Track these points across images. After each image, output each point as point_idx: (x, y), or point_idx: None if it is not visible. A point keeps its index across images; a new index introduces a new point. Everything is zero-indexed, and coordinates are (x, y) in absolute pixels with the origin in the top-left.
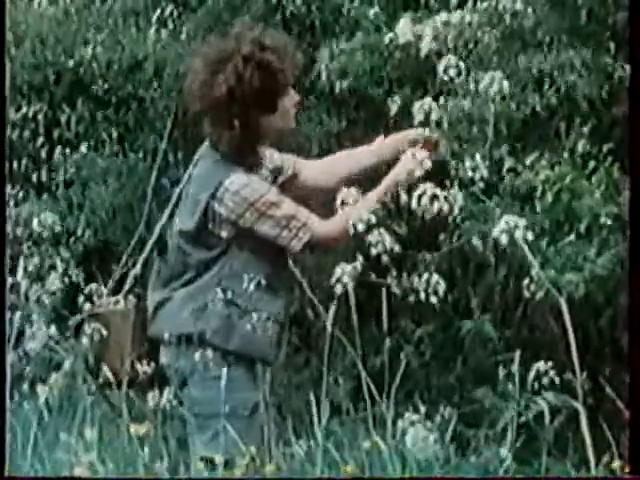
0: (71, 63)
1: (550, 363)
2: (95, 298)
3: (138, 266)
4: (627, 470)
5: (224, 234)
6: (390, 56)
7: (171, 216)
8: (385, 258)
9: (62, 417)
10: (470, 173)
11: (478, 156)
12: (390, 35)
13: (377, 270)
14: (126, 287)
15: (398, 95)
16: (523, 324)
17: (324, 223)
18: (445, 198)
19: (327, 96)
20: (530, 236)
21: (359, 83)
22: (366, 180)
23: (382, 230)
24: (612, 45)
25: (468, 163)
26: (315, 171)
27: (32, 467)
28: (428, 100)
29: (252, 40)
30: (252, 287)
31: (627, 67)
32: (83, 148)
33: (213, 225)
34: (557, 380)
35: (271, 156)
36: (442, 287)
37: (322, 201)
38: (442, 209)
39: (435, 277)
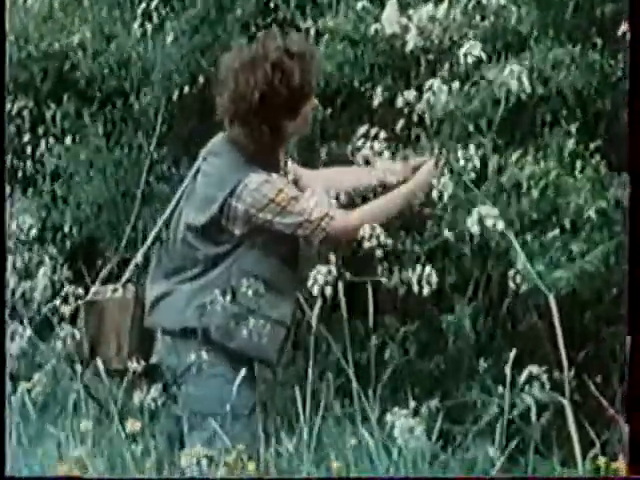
0: (56, 59)
1: (537, 360)
2: (71, 300)
3: (139, 256)
4: (615, 467)
5: (237, 231)
6: (375, 47)
7: (175, 209)
8: (379, 252)
9: (49, 412)
10: (462, 162)
11: (472, 147)
12: (376, 26)
13: (366, 264)
14: (125, 276)
15: (382, 85)
16: (508, 320)
17: (345, 215)
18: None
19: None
20: (501, 225)
21: (343, 73)
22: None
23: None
24: (599, 41)
25: (460, 153)
26: (313, 181)
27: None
28: (412, 93)
29: (278, 47)
30: (261, 287)
31: (613, 62)
32: (68, 143)
33: (227, 221)
34: (544, 377)
35: (286, 161)
36: (434, 279)
37: None
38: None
39: (427, 269)
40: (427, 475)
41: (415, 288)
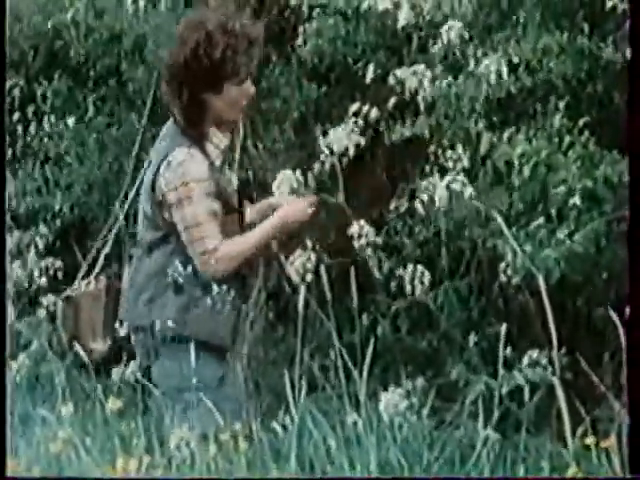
0: (48, 36)
1: (528, 339)
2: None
3: (107, 247)
4: (606, 445)
5: (166, 213)
6: (367, 23)
7: (135, 199)
8: (369, 250)
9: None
10: (451, 164)
11: (460, 147)
12: (369, 2)
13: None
14: (96, 269)
15: (374, 63)
16: (499, 300)
17: (225, 243)
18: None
19: (307, 63)
20: (469, 191)
21: (336, 49)
22: None
23: (363, 222)
24: (586, 25)
25: (449, 153)
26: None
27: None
28: (404, 70)
29: (218, 19)
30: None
31: (602, 45)
32: (60, 122)
33: (158, 204)
34: (536, 357)
35: (218, 136)
36: (427, 277)
37: None
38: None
39: (420, 268)
40: (420, 453)
41: (408, 288)
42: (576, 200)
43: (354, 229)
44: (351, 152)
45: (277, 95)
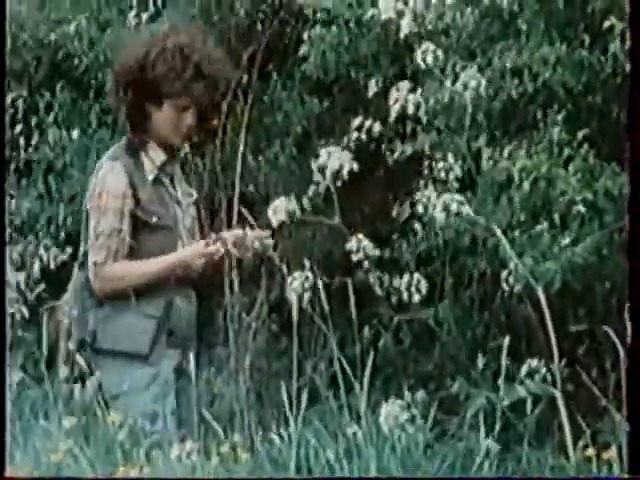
0: (51, 48)
1: (531, 352)
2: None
3: (80, 256)
4: (607, 457)
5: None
6: (369, 33)
7: None
8: (366, 264)
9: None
10: (443, 174)
11: (450, 156)
12: (372, 11)
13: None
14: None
15: (376, 77)
16: (501, 312)
17: (117, 264)
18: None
19: (309, 75)
20: (467, 210)
21: (338, 58)
22: None
23: (361, 236)
24: (587, 37)
25: (441, 164)
26: None
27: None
28: (405, 85)
29: (177, 41)
30: None
31: (602, 58)
32: (64, 134)
33: (86, 214)
34: (537, 368)
35: (156, 151)
36: (424, 286)
37: None
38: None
39: (416, 276)
40: (421, 465)
41: (405, 296)
42: (579, 209)
43: (352, 244)
44: (345, 174)
45: (279, 109)
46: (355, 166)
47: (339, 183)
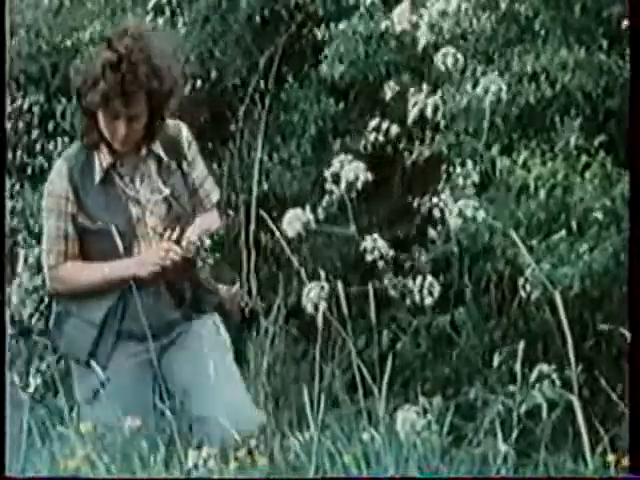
0: (67, 53)
1: (548, 357)
2: None
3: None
4: (624, 463)
5: None
6: (386, 43)
7: None
8: (381, 263)
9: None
10: (461, 179)
11: (468, 160)
12: (387, 23)
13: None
14: None
15: (393, 81)
16: (519, 317)
17: (69, 265)
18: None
19: (325, 79)
20: (482, 214)
21: (356, 69)
22: None
23: (376, 236)
24: (605, 42)
25: (458, 169)
26: None
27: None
28: (424, 88)
29: (132, 44)
30: None
31: (621, 63)
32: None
33: None
34: (554, 374)
35: (104, 152)
36: (437, 289)
37: None
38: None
39: (429, 278)
40: (437, 469)
41: (417, 298)
42: (596, 216)
43: (367, 243)
44: (359, 185)
45: (296, 112)
46: (369, 176)
47: (353, 194)
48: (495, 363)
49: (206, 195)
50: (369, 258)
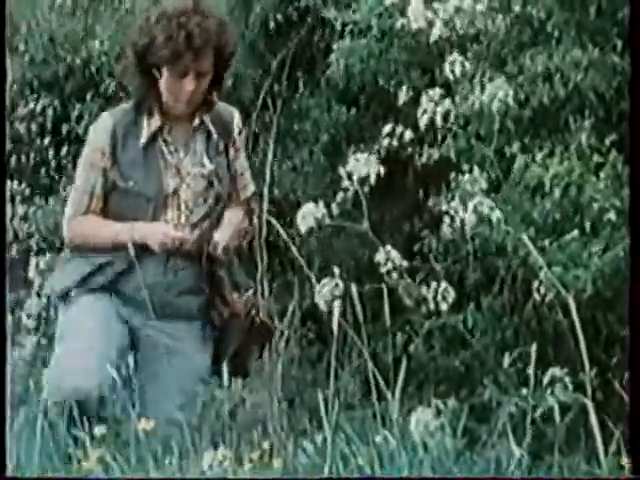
0: (80, 58)
1: (561, 360)
2: None
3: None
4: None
5: None
6: (400, 42)
7: None
8: (395, 275)
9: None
10: (473, 181)
11: (480, 163)
12: (402, 21)
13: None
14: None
15: (406, 85)
16: (532, 319)
17: (86, 218)
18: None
19: (337, 85)
20: (498, 215)
21: (368, 69)
22: None
23: (389, 247)
24: (619, 42)
25: (471, 171)
26: None
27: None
28: (437, 92)
29: (175, 8)
30: None
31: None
32: None
33: None
34: (566, 377)
35: (155, 117)
36: (451, 294)
37: None
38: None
39: (443, 285)
40: (452, 474)
41: (432, 305)
42: (609, 216)
43: (380, 256)
44: (372, 180)
45: (307, 117)
46: (382, 170)
47: (367, 189)
48: (507, 364)
49: (243, 186)
50: (383, 270)
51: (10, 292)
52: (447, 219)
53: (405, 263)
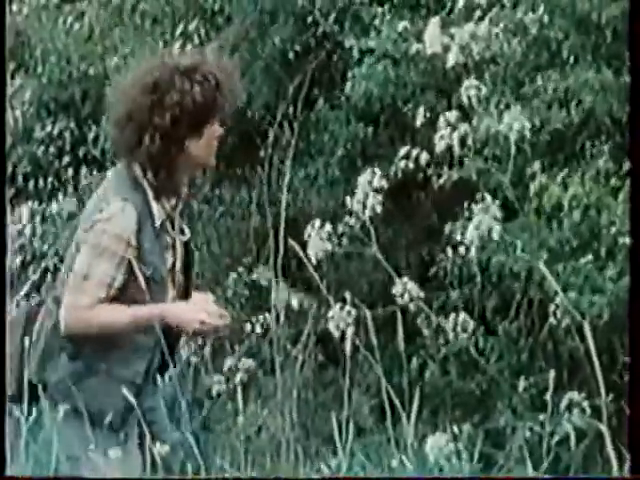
0: (97, 79)
1: (576, 384)
2: None
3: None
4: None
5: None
6: (416, 66)
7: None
8: (412, 306)
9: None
10: (488, 205)
11: (488, 197)
12: (418, 46)
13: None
14: (22, 292)
15: (423, 105)
16: (549, 343)
17: (95, 309)
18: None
19: (355, 103)
20: (499, 234)
21: (385, 91)
22: None
23: (406, 279)
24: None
25: (487, 195)
26: None
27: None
28: (454, 114)
29: (194, 57)
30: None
31: None
32: (108, 165)
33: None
34: (584, 403)
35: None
36: (470, 324)
37: None
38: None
39: (462, 315)
40: None
41: (450, 336)
42: (625, 240)
43: (397, 288)
44: (378, 210)
45: (325, 133)
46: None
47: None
48: (522, 389)
49: None
50: (400, 302)
51: (17, 307)
52: (462, 245)
53: (422, 294)
